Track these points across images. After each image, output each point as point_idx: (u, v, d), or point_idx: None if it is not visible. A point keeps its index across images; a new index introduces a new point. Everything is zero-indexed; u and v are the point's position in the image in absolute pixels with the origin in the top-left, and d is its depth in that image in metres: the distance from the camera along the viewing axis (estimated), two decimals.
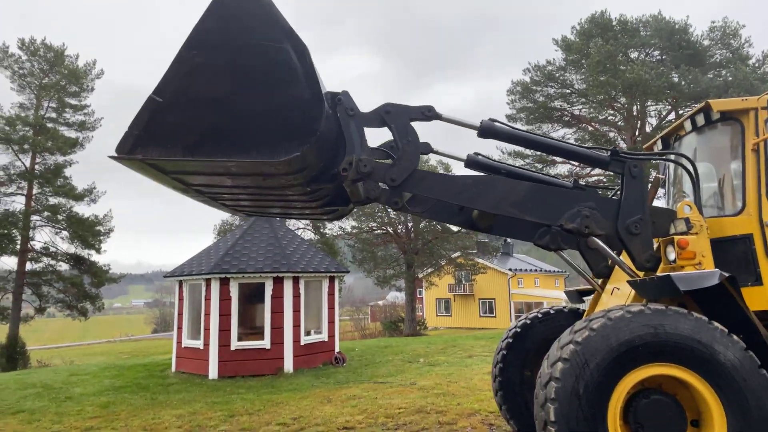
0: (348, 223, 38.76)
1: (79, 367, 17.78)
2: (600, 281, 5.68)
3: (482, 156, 5.21)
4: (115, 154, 3.54)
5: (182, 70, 3.56)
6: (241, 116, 3.61)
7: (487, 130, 4.75)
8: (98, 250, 32.85)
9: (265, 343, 12.71)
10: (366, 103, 4.39)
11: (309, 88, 3.64)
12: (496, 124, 4.80)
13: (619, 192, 4.84)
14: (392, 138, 4.53)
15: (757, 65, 29.49)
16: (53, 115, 33.48)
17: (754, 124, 4.84)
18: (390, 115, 4.47)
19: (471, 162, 5.15)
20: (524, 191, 4.67)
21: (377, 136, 4.55)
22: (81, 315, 33.24)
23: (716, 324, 3.89)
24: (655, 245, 4.74)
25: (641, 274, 4.73)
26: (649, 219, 4.67)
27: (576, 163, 30.97)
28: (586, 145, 9.55)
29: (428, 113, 4.55)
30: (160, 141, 3.55)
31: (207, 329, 12.66)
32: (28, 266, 31.78)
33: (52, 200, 32.60)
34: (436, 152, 4.90)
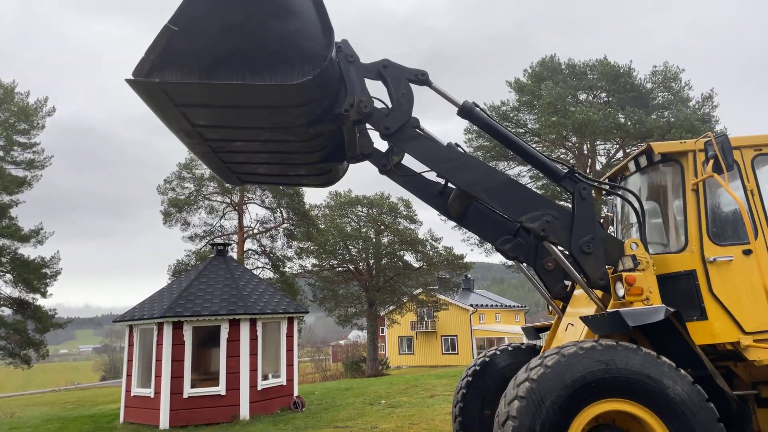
0: (309, 261, 38.35)
1: (20, 419, 16.66)
2: (560, 304, 5.75)
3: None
4: (132, 78, 3.59)
5: (197, 0, 3.68)
6: (255, 42, 3.75)
7: (466, 111, 4.93)
8: (44, 294, 31.27)
9: (220, 389, 12.23)
10: None
11: (319, 18, 3.83)
12: (477, 108, 4.97)
13: (571, 211, 4.95)
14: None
15: (697, 107, 31.28)
16: (0, 153, 32.28)
17: (693, 165, 5.10)
18: (387, 69, 4.71)
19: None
20: (499, 181, 4.87)
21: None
22: (24, 363, 31.33)
23: (664, 359, 3.99)
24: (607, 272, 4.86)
25: (598, 293, 4.83)
26: (601, 239, 4.80)
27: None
28: (552, 156, 9.86)
29: (421, 77, 4.79)
30: (177, 65, 3.65)
31: (158, 376, 12.10)
32: None
33: None
34: (423, 130, 4.99)
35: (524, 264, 5.51)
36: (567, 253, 4.84)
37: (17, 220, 31.48)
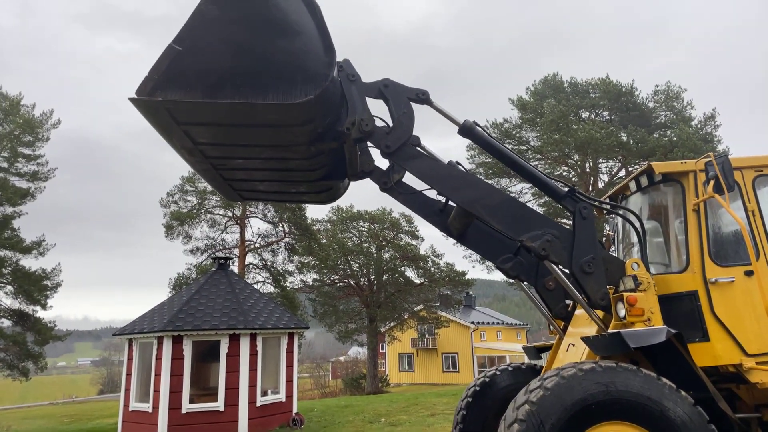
0: (309, 276, 38.24)
1: None
2: (561, 324, 5.72)
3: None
4: (135, 96, 3.64)
5: (201, 21, 3.76)
6: (257, 63, 3.82)
7: (467, 130, 4.96)
8: (44, 306, 31.18)
9: (219, 405, 12.13)
10: None
11: (321, 38, 3.90)
12: (477, 127, 4.99)
13: (572, 230, 4.94)
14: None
15: (699, 126, 31.37)
16: (5, 164, 32.43)
17: (694, 185, 5.10)
18: (388, 88, 4.77)
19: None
20: (499, 199, 4.88)
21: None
22: (22, 375, 31.13)
23: (665, 380, 3.95)
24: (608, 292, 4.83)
25: (599, 313, 4.80)
26: (601, 260, 4.78)
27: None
28: (552, 176, 9.88)
29: (422, 96, 4.83)
30: (179, 85, 3.71)
31: (157, 391, 12.02)
32: None
33: None
34: (424, 148, 4.99)
35: (525, 283, 5.49)
36: (567, 272, 4.83)
37: (19, 232, 31.52)
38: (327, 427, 12.90)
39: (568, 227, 4.99)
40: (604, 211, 6.10)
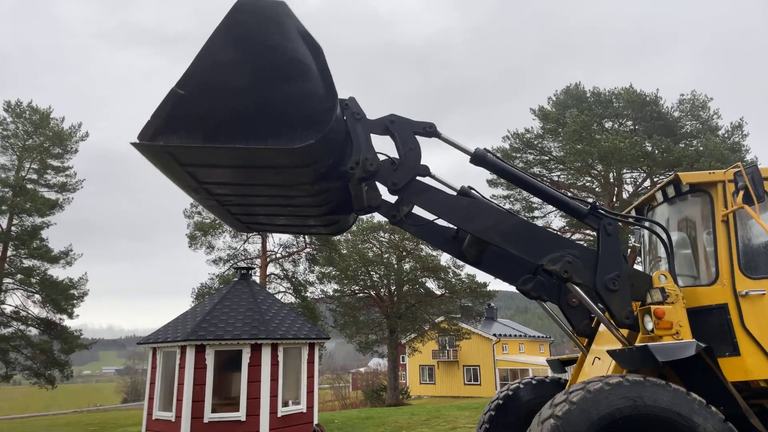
0: (330, 286, 38.33)
1: None
2: (584, 341, 5.64)
3: (475, 191, 5.19)
4: (137, 141, 3.68)
5: (204, 65, 3.79)
6: (259, 107, 3.82)
7: (479, 159, 4.90)
8: (70, 315, 31.81)
9: (241, 414, 12.17)
10: None
11: (324, 83, 3.89)
12: (489, 155, 4.94)
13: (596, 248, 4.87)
14: (395, 152, 4.72)
15: (726, 136, 30.81)
16: (34, 176, 33.32)
17: (722, 196, 5.00)
18: (394, 124, 4.70)
19: (463, 193, 5.10)
20: (514, 224, 4.80)
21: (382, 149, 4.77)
22: (48, 383, 31.73)
23: (694, 395, 3.86)
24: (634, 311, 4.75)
25: (624, 331, 4.71)
26: (627, 276, 4.68)
27: (557, 228, 31.48)
28: (569, 195, 9.73)
29: (429, 129, 4.76)
30: (181, 129, 3.73)
31: (180, 400, 12.12)
32: None
33: (27, 262, 31.83)
34: (434, 177, 4.97)
35: (547, 302, 5.40)
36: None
37: (48, 242, 32.30)
38: None
39: (586, 245, 4.91)
40: (628, 224, 6.00)
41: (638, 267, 7.07)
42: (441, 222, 5.10)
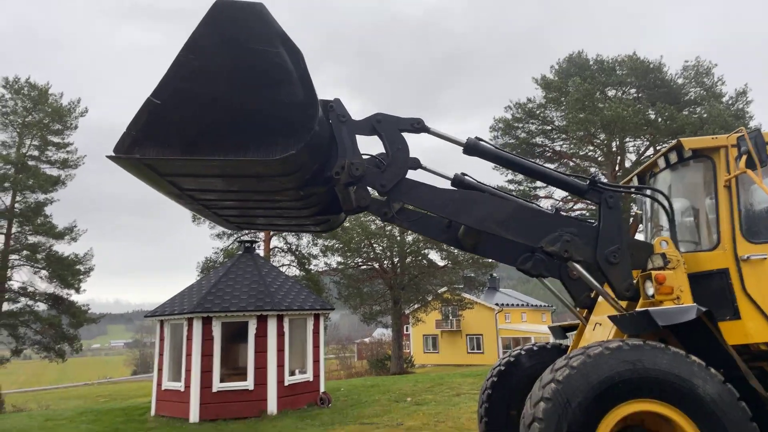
0: (334, 259, 38.56)
1: (55, 411, 17.20)
2: (584, 312, 5.71)
3: (469, 177, 5.23)
4: (113, 154, 3.59)
5: (180, 73, 3.65)
6: (238, 115, 3.70)
7: (472, 148, 4.86)
8: (77, 290, 32.16)
9: (248, 384, 12.43)
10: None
11: (304, 89, 3.75)
12: (481, 143, 4.91)
13: (597, 222, 4.90)
14: (383, 150, 4.63)
15: (730, 102, 30.44)
16: (35, 153, 33.25)
17: (725, 161, 4.98)
18: (381, 124, 4.59)
19: (457, 181, 5.16)
20: (509, 210, 4.74)
21: (369, 148, 4.68)
22: (58, 357, 32.27)
23: (694, 358, 3.92)
24: (635, 279, 4.79)
25: (624, 303, 4.77)
26: (627, 249, 4.71)
27: (559, 198, 31.45)
28: (567, 173, 9.71)
29: (417, 125, 4.66)
30: (158, 141, 3.63)
31: (188, 370, 12.36)
32: (5, 306, 30.95)
33: (32, 239, 32.03)
34: (425, 168, 4.93)
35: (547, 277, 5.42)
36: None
37: (52, 218, 32.45)
38: (354, 406, 13.11)
39: (588, 214, 4.92)
40: (629, 194, 5.99)
41: (640, 235, 7.10)
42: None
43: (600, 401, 3.75)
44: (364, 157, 4.51)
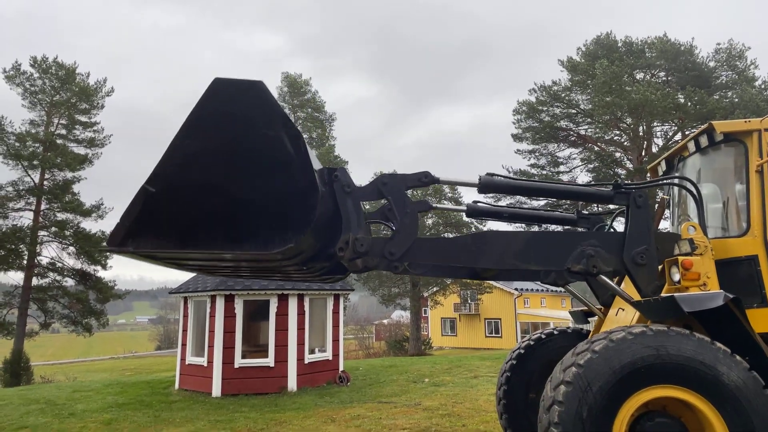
0: None
1: (82, 383, 17.74)
2: (606, 310, 5.68)
3: (481, 203, 5.19)
4: (107, 246, 3.52)
5: (176, 159, 3.50)
6: (235, 205, 3.54)
7: (487, 185, 4.73)
8: (104, 266, 32.96)
9: (269, 361, 12.66)
10: (366, 126, 4.31)
11: (304, 176, 3.57)
12: (495, 177, 4.78)
13: (624, 223, 4.81)
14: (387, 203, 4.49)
15: (763, 87, 29.54)
16: (63, 131, 33.92)
17: (758, 145, 4.85)
18: (387, 186, 4.40)
19: (472, 211, 5.12)
20: (525, 241, 4.61)
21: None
22: (86, 331, 33.23)
23: (719, 345, 3.87)
24: (660, 268, 4.72)
25: None
26: (655, 250, 4.60)
27: (582, 183, 31.01)
28: (587, 184, 9.60)
29: (425, 179, 4.48)
30: (153, 231, 3.49)
31: (211, 346, 12.63)
32: (34, 281, 31.89)
33: (60, 216, 32.83)
34: (435, 207, 4.83)
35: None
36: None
37: (79, 196, 33.18)
38: (372, 386, 13.28)
39: (601, 232, 4.82)
40: (656, 186, 5.88)
41: (665, 223, 6.98)
42: None
43: (621, 386, 3.73)
44: (369, 215, 4.36)
